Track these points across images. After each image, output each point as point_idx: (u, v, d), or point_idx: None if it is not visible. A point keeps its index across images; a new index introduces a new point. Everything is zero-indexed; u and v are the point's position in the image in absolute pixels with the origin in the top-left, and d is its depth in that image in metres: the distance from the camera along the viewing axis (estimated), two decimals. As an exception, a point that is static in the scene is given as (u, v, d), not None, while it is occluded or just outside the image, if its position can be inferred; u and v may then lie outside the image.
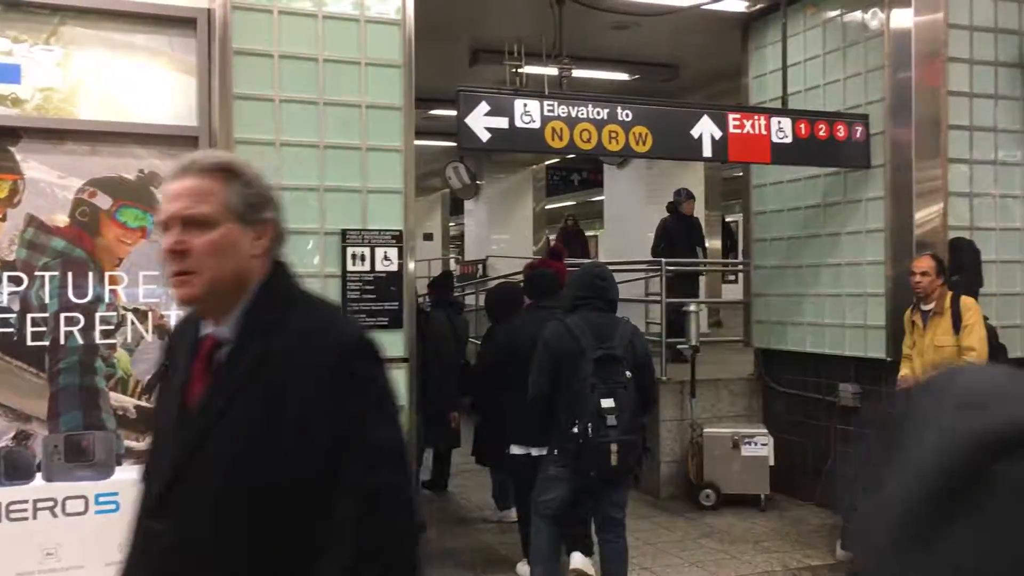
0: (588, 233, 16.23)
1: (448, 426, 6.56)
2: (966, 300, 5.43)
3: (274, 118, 4.66)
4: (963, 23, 6.36)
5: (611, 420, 4.20)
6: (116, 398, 4.25)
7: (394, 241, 4.91)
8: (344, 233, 4.80)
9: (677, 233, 9.88)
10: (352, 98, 4.82)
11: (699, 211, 12.04)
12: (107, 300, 4.25)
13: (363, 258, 4.83)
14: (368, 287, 4.85)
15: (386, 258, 4.89)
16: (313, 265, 4.73)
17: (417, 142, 12.94)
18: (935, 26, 6.24)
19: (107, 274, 4.27)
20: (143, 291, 4.33)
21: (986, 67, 6.46)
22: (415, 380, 4.96)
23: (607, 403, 4.22)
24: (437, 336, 6.39)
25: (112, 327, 4.26)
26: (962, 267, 6.00)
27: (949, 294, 5.46)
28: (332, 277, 4.79)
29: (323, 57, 4.75)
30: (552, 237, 15.88)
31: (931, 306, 5.47)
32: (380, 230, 4.88)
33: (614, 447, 4.19)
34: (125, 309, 4.29)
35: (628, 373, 4.33)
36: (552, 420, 4.40)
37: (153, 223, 4.13)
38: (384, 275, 4.89)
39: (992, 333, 5.57)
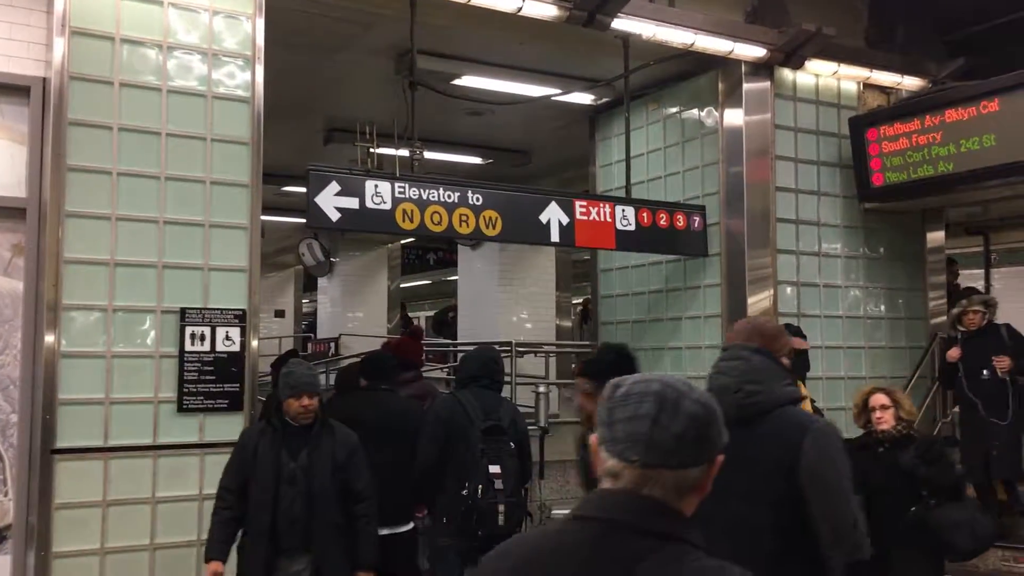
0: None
1: None
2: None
3: (111, 192, 4.49)
4: (788, 125, 6.86)
5: (498, 484, 4.48)
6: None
7: (236, 320, 4.77)
8: (183, 312, 4.63)
9: None
10: (196, 174, 4.71)
11: (549, 293, 12.31)
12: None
13: (203, 338, 4.67)
14: (207, 368, 4.68)
15: (228, 338, 4.75)
16: (147, 345, 4.53)
17: (270, 218, 12.81)
18: (764, 126, 6.70)
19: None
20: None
21: (810, 165, 6.97)
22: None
23: (494, 468, 4.51)
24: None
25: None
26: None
27: (779, 378, 5.75)
28: (168, 357, 4.59)
29: (167, 131, 4.64)
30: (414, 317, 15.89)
31: (763, 389, 5.73)
32: (222, 309, 4.74)
33: (501, 507, 4.47)
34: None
35: (512, 444, 4.66)
36: (439, 489, 4.62)
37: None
38: (225, 355, 4.73)
39: (819, 415, 5.87)
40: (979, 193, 7.05)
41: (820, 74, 6.96)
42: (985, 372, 6.35)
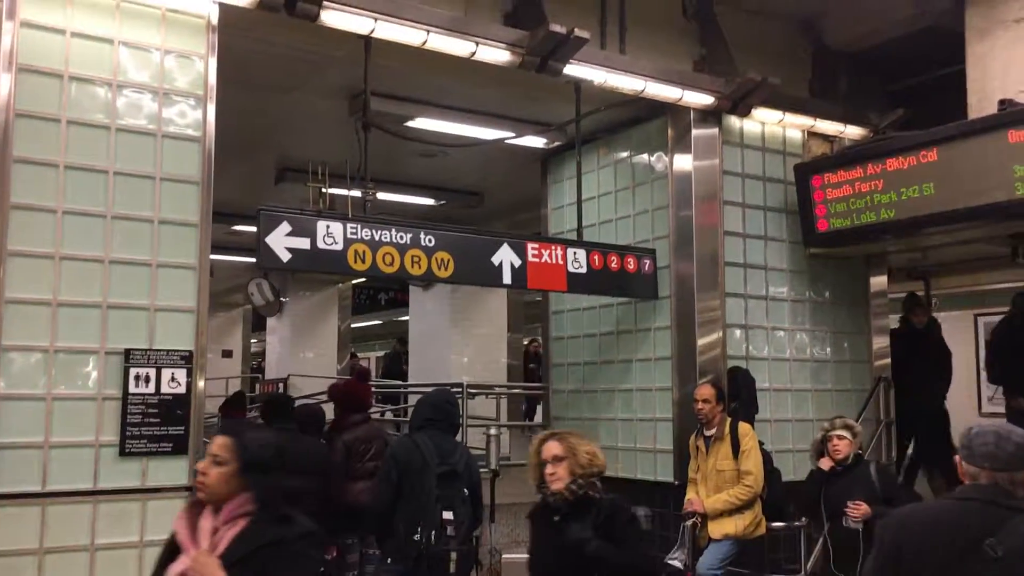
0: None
1: None
2: (743, 426, 5.78)
3: (55, 230, 4.41)
4: (736, 170, 7.00)
5: (451, 530, 4.50)
6: None
7: (183, 362, 4.68)
8: (128, 353, 4.54)
9: None
10: (144, 213, 4.64)
11: (501, 335, 12.32)
12: None
13: (147, 379, 4.57)
14: (151, 410, 4.57)
15: (173, 379, 4.65)
16: (89, 387, 4.43)
17: (219, 257, 12.68)
18: (712, 172, 6.83)
19: None
20: None
21: (757, 211, 7.11)
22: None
23: (448, 515, 4.52)
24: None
25: None
26: (739, 394, 6.40)
27: (728, 420, 5.80)
28: (111, 399, 4.49)
29: (114, 170, 4.57)
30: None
31: (713, 431, 5.77)
32: (168, 350, 4.65)
33: (453, 555, 4.49)
34: None
35: (466, 490, 4.68)
36: (390, 530, 4.61)
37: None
38: (170, 397, 4.64)
39: (767, 458, 5.93)
40: (920, 240, 7.24)
41: (766, 122, 7.13)
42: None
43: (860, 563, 4.82)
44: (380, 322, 19.09)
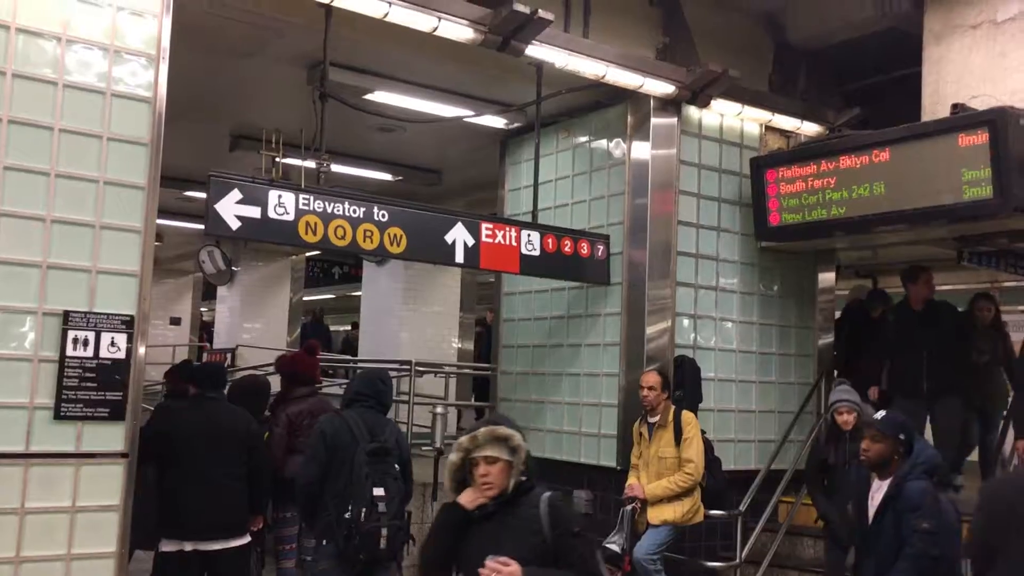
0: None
1: None
2: (687, 414, 5.84)
3: (-6, 185, 4.28)
4: (693, 161, 7.04)
5: (382, 507, 4.49)
6: None
7: (124, 326, 4.58)
8: (67, 315, 4.43)
9: None
10: (89, 173, 4.53)
11: (453, 314, 12.29)
12: None
13: (86, 343, 4.47)
14: (89, 375, 4.47)
15: (113, 344, 4.56)
16: (25, 348, 4.32)
17: (169, 223, 12.44)
18: (669, 161, 6.86)
19: None
20: None
21: (711, 202, 7.16)
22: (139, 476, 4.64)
23: (378, 491, 4.51)
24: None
25: None
26: (684, 383, 6.47)
27: (672, 408, 5.86)
28: (47, 362, 4.38)
29: (60, 127, 4.45)
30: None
31: (656, 419, 5.83)
32: (109, 314, 4.55)
33: (384, 531, 4.49)
34: None
35: (396, 466, 4.68)
36: (318, 507, 4.61)
37: None
38: (109, 362, 4.54)
39: (708, 446, 6.00)
40: (869, 238, 7.36)
41: (725, 114, 7.17)
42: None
43: None
44: (333, 296, 18.93)
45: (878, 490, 4.42)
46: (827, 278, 7.93)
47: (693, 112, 7.01)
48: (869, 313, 8.21)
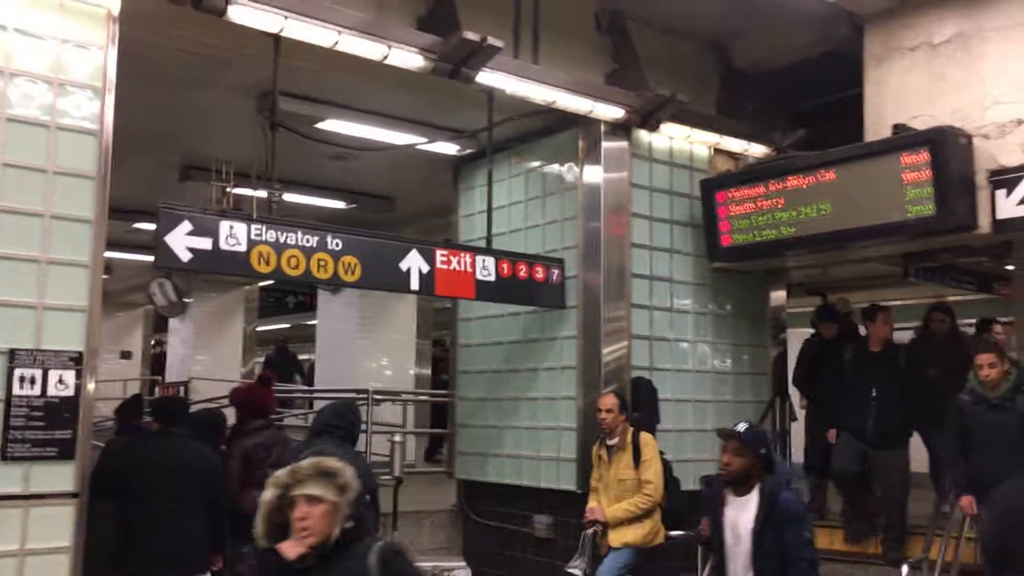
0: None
1: None
2: (644, 436, 5.86)
3: (-65, 222, 4.19)
4: (644, 184, 7.11)
5: None
6: None
7: (72, 363, 4.50)
8: (12, 353, 4.34)
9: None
10: (34, 207, 4.45)
11: (409, 341, 12.26)
12: None
13: (33, 381, 4.38)
14: (36, 413, 4.38)
15: (61, 381, 4.47)
16: (-31, 388, 4.22)
17: (118, 255, 12.24)
18: (621, 184, 6.93)
19: None
20: None
21: (663, 224, 7.23)
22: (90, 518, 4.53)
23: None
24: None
25: None
26: (641, 404, 6.49)
27: (631, 430, 5.87)
28: (-8, 401, 4.28)
29: (3, 161, 4.37)
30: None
31: (615, 441, 5.84)
32: (56, 351, 4.46)
33: None
34: None
35: (367, 496, 4.48)
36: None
37: None
38: (57, 400, 4.45)
39: (667, 467, 6.03)
40: (817, 257, 7.49)
41: (674, 137, 7.27)
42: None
43: None
44: (288, 325, 18.73)
45: (736, 507, 4.24)
46: (779, 296, 8.04)
47: (643, 136, 7.09)
48: (823, 334, 8.05)
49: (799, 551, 4.04)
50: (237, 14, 5.02)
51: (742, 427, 4.31)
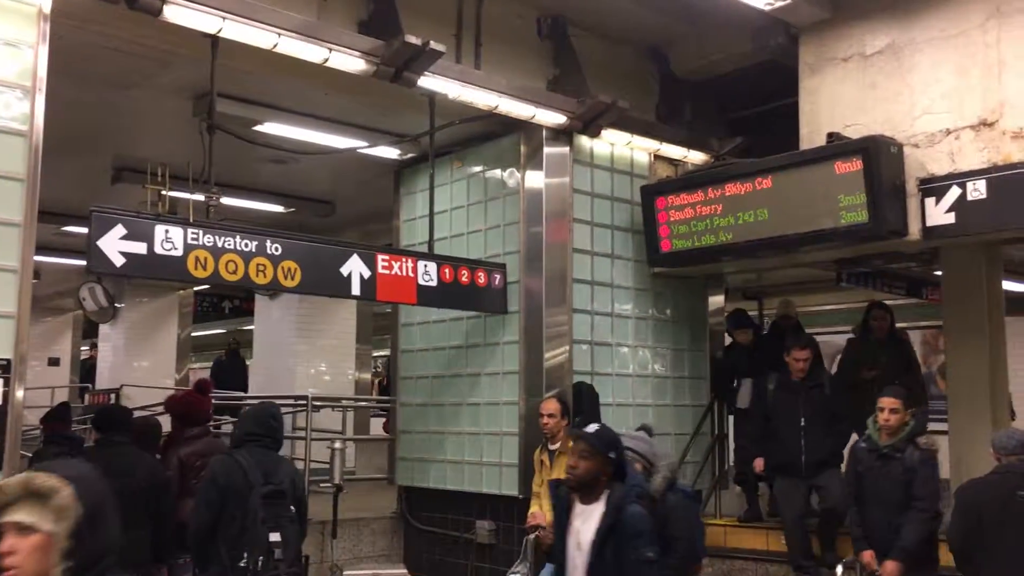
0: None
1: None
2: (587, 440, 5.87)
3: None
4: (586, 189, 7.15)
5: (278, 553, 4.35)
6: None
7: (0, 371, 4.35)
8: (-64, 361, 4.18)
9: None
10: (-40, 210, 4.30)
11: (349, 346, 12.14)
12: None
13: (-42, 390, 4.23)
14: (-39, 423, 4.23)
15: (-12, 390, 4.32)
16: None
17: (46, 259, 11.89)
18: (563, 190, 6.96)
19: None
20: None
21: (604, 229, 7.28)
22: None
23: (275, 537, 4.37)
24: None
25: None
26: (583, 409, 6.52)
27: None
28: (-85, 411, 4.12)
29: (-73, 162, 4.22)
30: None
31: (557, 446, 5.86)
32: (-17, 359, 4.31)
33: None
34: None
35: (292, 508, 4.54)
36: (211, 555, 4.43)
37: None
38: (-17, 410, 4.29)
39: (609, 470, 6.04)
40: (755, 262, 7.61)
41: (615, 143, 7.33)
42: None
43: None
44: (224, 331, 18.39)
45: (582, 516, 3.83)
46: (717, 301, 8.16)
47: (585, 142, 7.13)
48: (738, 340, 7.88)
49: (637, 571, 3.65)
50: (173, 14, 4.93)
51: (592, 428, 3.97)
